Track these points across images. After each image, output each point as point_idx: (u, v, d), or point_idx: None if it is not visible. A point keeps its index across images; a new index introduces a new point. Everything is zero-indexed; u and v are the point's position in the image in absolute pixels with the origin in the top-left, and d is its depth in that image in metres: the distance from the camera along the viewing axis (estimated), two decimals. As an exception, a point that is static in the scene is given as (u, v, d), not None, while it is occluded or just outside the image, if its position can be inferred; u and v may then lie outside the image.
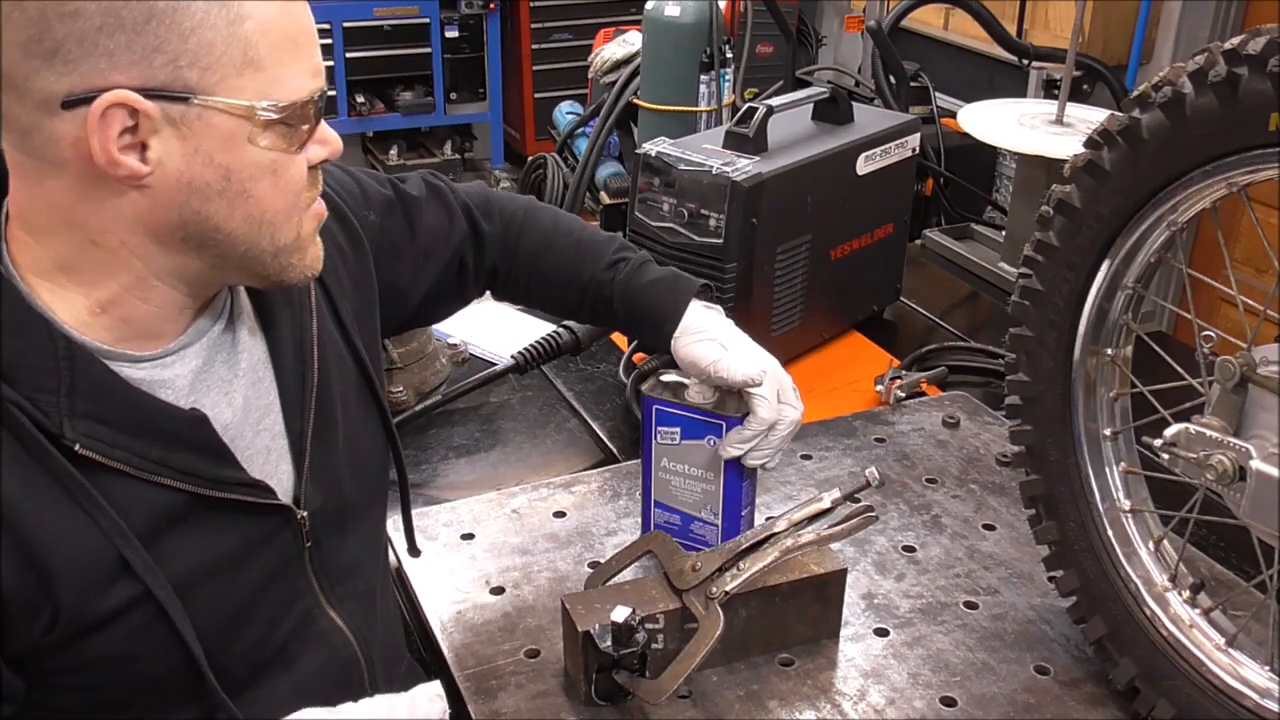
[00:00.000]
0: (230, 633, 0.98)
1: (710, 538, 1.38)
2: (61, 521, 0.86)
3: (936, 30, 4.39)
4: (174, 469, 0.92)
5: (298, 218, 0.94)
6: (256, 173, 0.88)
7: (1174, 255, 1.19)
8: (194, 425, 0.94)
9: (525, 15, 5.89)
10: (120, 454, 0.89)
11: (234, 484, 0.96)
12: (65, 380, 0.86)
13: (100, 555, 0.88)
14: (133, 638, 0.91)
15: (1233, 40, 1.02)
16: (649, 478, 1.41)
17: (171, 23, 0.81)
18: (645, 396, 1.36)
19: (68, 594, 0.87)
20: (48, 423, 0.85)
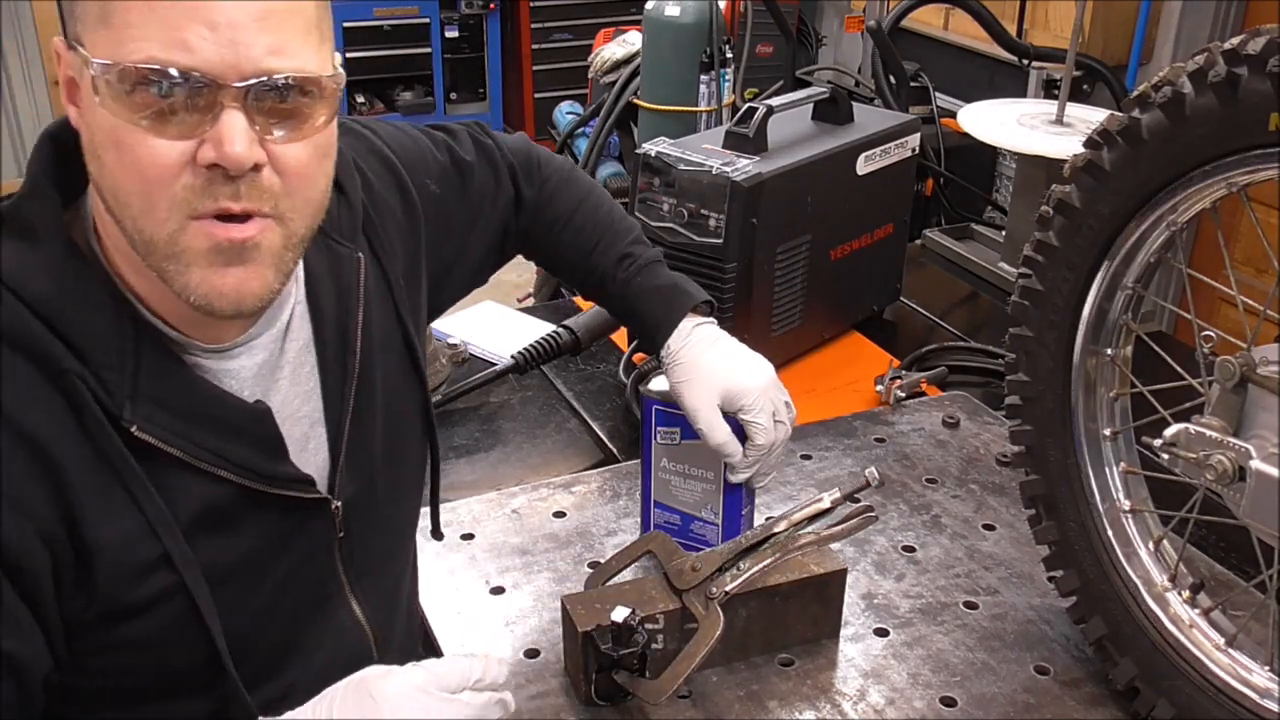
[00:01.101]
0: (257, 623, 0.98)
1: (710, 537, 1.38)
2: (108, 503, 0.86)
3: (936, 30, 4.39)
4: (230, 461, 0.92)
5: (168, 217, 0.84)
6: (102, 137, 0.84)
7: (1174, 255, 1.19)
8: (256, 418, 0.94)
9: (525, 15, 5.89)
10: (177, 441, 0.88)
11: (286, 480, 0.96)
12: (131, 361, 0.87)
13: (141, 543, 0.88)
14: (162, 627, 0.91)
15: (1233, 40, 1.02)
16: (649, 478, 1.41)
17: None
18: (645, 396, 1.36)
19: (105, 575, 0.87)
20: (110, 402, 0.85)
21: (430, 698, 0.90)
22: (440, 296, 1.25)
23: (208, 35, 0.81)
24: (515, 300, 4.48)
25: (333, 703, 0.90)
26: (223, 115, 0.83)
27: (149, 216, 0.84)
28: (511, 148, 1.35)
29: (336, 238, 1.06)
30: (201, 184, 0.84)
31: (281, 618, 1.01)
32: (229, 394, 0.93)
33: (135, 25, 0.81)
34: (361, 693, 0.90)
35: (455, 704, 0.91)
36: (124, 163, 0.83)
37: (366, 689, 0.90)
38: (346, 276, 1.06)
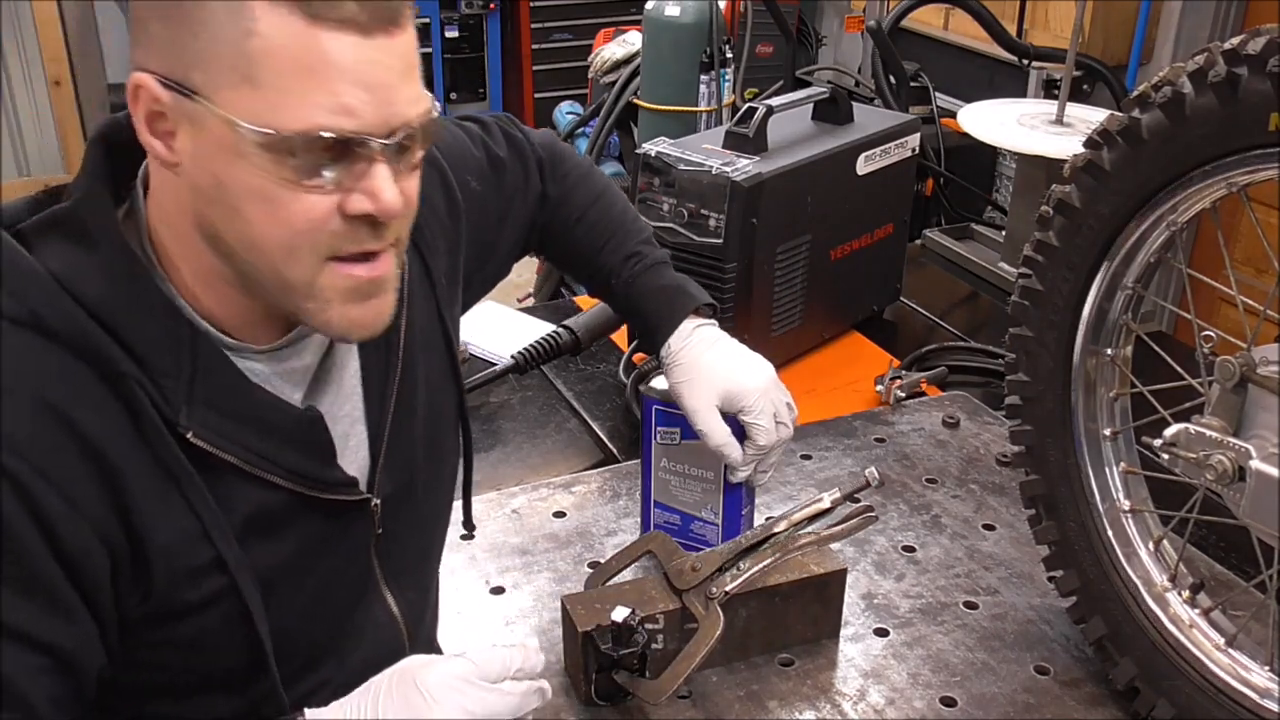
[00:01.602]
0: (299, 623, 0.98)
1: (710, 537, 1.38)
2: (165, 506, 0.86)
3: (936, 30, 4.39)
4: (282, 467, 0.92)
5: (310, 262, 0.86)
6: (246, 194, 0.84)
7: (1174, 255, 1.19)
8: (308, 425, 0.95)
9: (525, 15, 5.89)
10: (231, 447, 0.89)
11: (334, 484, 0.97)
12: (187, 367, 0.87)
13: (196, 546, 0.88)
14: (212, 628, 0.91)
15: (1233, 40, 1.02)
16: (649, 478, 1.41)
17: (188, 20, 0.80)
18: (645, 396, 1.36)
19: (161, 576, 0.87)
20: (165, 407, 0.85)
21: (474, 688, 0.92)
22: (470, 292, 1.25)
23: (366, 98, 0.83)
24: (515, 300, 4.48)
25: (378, 694, 0.91)
26: (373, 169, 0.85)
27: (292, 263, 0.86)
28: (539, 141, 1.35)
29: None
30: (346, 230, 0.86)
31: (322, 616, 1.01)
32: (282, 400, 0.93)
33: (293, 92, 0.81)
34: (406, 684, 0.91)
35: (497, 694, 0.93)
36: (273, 217, 0.84)
37: (410, 680, 0.91)
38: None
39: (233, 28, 0.80)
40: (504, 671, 0.95)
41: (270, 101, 0.81)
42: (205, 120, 0.82)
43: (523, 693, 0.95)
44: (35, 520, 0.80)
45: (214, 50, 0.80)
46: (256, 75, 0.80)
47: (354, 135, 0.82)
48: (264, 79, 0.80)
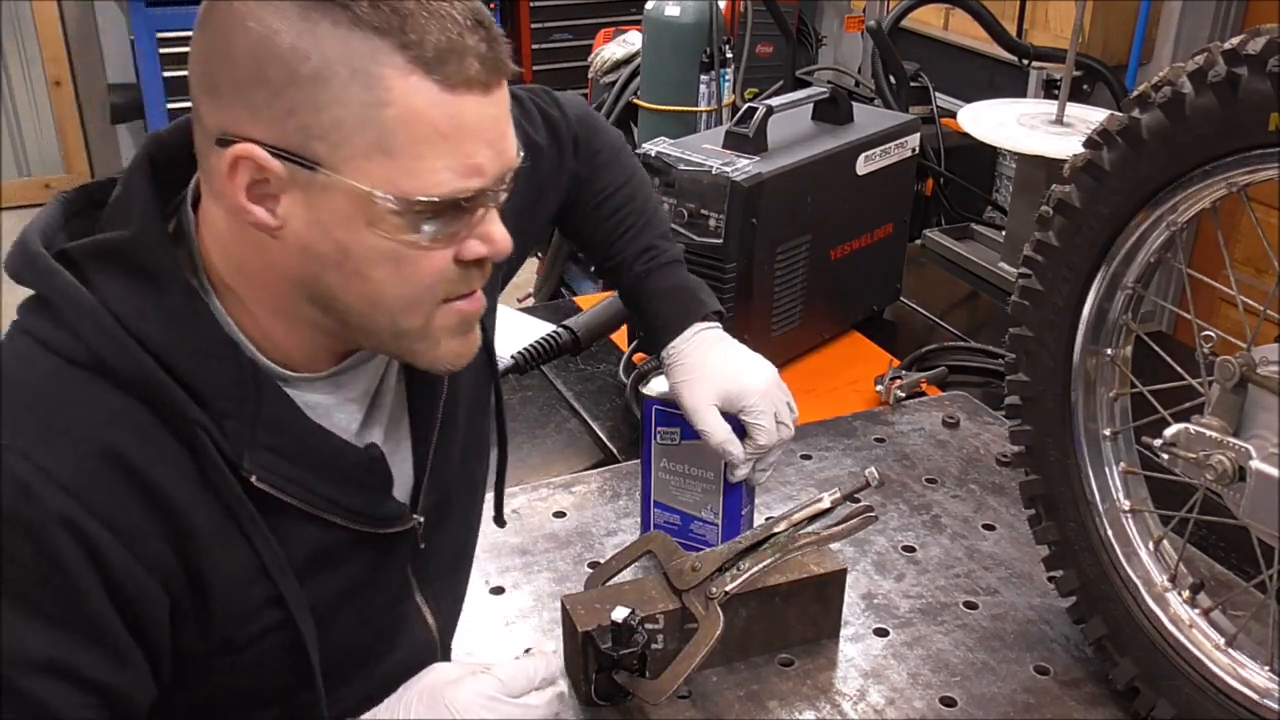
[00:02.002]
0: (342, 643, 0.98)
1: (710, 538, 1.38)
2: (227, 547, 0.86)
3: (936, 30, 4.39)
4: (343, 508, 0.92)
5: (428, 309, 0.88)
6: (374, 257, 0.83)
7: (1174, 255, 1.19)
8: (370, 465, 0.94)
9: (525, 15, 5.89)
10: (293, 489, 0.88)
11: (390, 518, 0.97)
12: (251, 409, 0.86)
13: (255, 584, 0.88)
14: (265, 658, 0.92)
15: (1233, 40, 1.02)
16: (649, 478, 1.41)
17: (310, 92, 0.78)
18: (645, 397, 1.36)
19: (220, 614, 0.87)
20: (229, 450, 0.85)
21: (501, 704, 0.93)
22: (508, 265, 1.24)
23: (490, 154, 0.84)
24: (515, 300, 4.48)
25: (408, 709, 0.92)
26: (488, 215, 0.87)
27: (411, 313, 0.87)
28: (575, 115, 1.32)
29: None
30: (460, 274, 0.88)
31: (364, 633, 1.01)
32: (344, 442, 0.93)
33: (428, 157, 0.81)
34: (435, 700, 0.92)
35: (523, 709, 0.94)
36: (399, 276, 0.85)
37: (440, 697, 0.92)
38: None
39: (365, 100, 0.78)
40: (528, 684, 0.95)
41: (405, 169, 0.81)
42: (327, 189, 0.81)
43: (546, 703, 0.96)
44: (96, 567, 0.79)
45: (342, 122, 0.79)
46: (391, 145, 0.80)
47: (481, 192, 0.84)
48: (398, 147, 0.80)
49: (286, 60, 0.78)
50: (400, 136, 0.80)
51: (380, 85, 0.78)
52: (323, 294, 0.86)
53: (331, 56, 0.78)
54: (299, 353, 0.91)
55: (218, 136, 0.81)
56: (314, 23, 0.78)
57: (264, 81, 0.78)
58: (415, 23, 0.79)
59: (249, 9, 0.78)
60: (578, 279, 4.28)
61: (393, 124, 0.79)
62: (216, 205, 0.86)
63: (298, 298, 0.87)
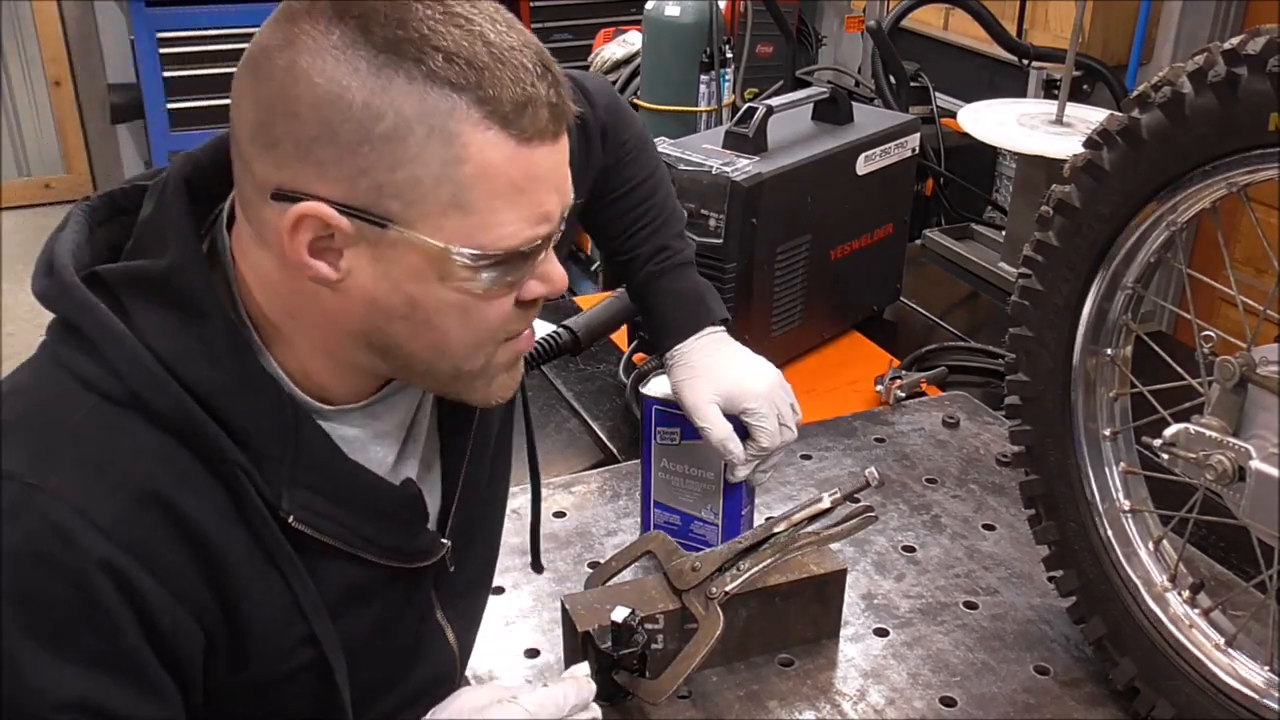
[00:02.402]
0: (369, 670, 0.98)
1: (710, 538, 1.38)
2: (264, 586, 0.85)
3: (936, 30, 4.38)
4: (380, 546, 0.91)
5: (490, 350, 0.89)
6: (444, 309, 0.83)
7: (1174, 255, 1.19)
8: (408, 503, 0.94)
9: (525, 15, 5.88)
10: (329, 527, 0.88)
11: (423, 552, 0.96)
12: (290, 449, 0.85)
13: (292, 624, 0.88)
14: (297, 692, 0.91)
15: (1233, 40, 1.02)
16: (649, 478, 1.40)
17: (384, 151, 0.77)
18: (645, 397, 1.36)
19: (255, 652, 0.87)
20: (268, 490, 0.84)
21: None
22: None
23: (557, 199, 0.84)
24: (515, 300, 4.47)
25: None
26: (547, 255, 0.87)
27: (474, 356, 0.88)
28: (604, 105, 1.30)
29: None
30: (519, 314, 0.88)
31: (388, 659, 1.01)
32: (381, 479, 0.92)
33: (503, 210, 0.81)
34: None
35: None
36: (468, 324, 0.85)
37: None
38: None
39: (443, 158, 0.78)
40: (558, 713, 0.94)
41: (481, 223, 0.80)
42: (397, 245, 0.80)
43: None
44: (134, 609, 0.79)
45: (419, 181, 0.78)
46: (467, 201, 0.79)
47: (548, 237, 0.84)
48: (476, 203, 0.80)
49: (360, 119, 0.76)
50: (477, 192, 0.79)
51: (458, 142, 0.77)
52: (385, 343, 0.86)
53: (408, 114, 0.76)
54: (339, 387, 0.90)
55: (275, 191, 0.79)
56: (388, 79, 0.76)
57: (333, 140, 0.77)
58: (491, 76, 0.77)
59: (316, 65, 0.76)
60: (578, 279, 4.28)
61: (470, 180, 0.79)
62: (266, 253, 0.84)
63: (353, 344, 0.86)
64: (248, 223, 0.84)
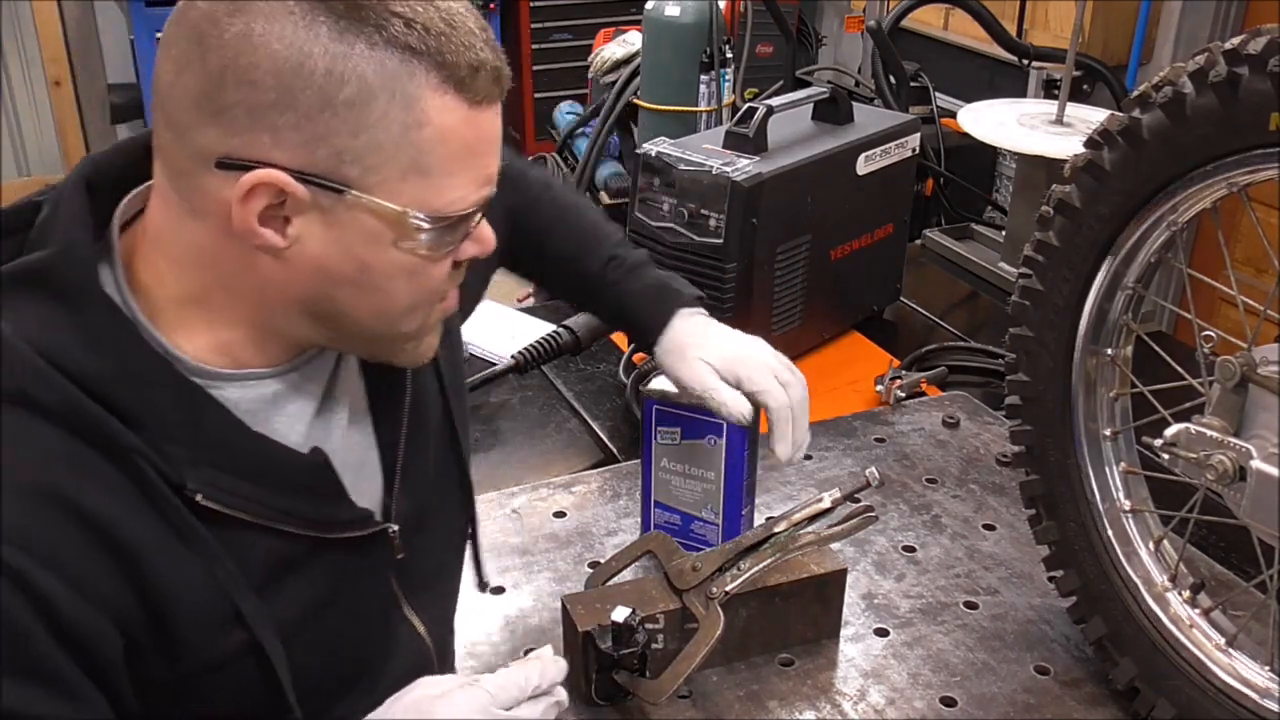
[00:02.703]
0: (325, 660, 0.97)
1: (710, 537, 1.38)
2: (182, 571, 0.84)
3: (936, 30, 4.38)
4: (295, 516, 0.91)
5: (428, 310, 0.91)
6: (394, 272, 0.85)
7: (1174, 255, 1.19)
8: (316, 469, 0.93)
9: (525, 15, 5.88)
10: (240, 502, 0.87)
11: (348, 522, 0.95)
12: (189, 429, 0.84)
13: (216, 605, 0.86)
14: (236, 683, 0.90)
15: (1233, 40, 1.02)
16: (649, 478, 1.40)
17: (347, 117, 0.78)
18: (645, 397, 1.36)
19: (185, 640, 0.86)
20: (171, 472, 0.83)
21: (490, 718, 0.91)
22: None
23: (496, 161, 0.87)
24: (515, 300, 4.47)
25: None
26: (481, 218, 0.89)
27: (413, 318, 0.90)
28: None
29: None
30: (453, 274, 0.91)
31: (348, 647, 1.00)
32: (288, 449, 0.91)
33: (458, 173, 0.84)
34: (421, 714, 0.90)
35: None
36: (414, 285, 0.87)
37: (426, 711, 0.90)
38: None
39: (404, 122, 0.79)
40: (521, 694, 0.93)
41: (437, 186, 0.83)
42: (352, 210, 0.81)
43: (541, 712, 0.94)
44: (43, 615, 0.77)
45: (380, 145, 0.79)
46: (426, 164, 0.81)
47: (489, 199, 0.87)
48: (434, 166, 0.82)
49: (322, 86, 0.76)
50: (435, 155, 0.81)
51: (417, 106, 0.79)
52: (328, 310, 0.86)
53: (370, 80, 0.77)
54: (255, 356, 0.89)
55: (221, 159, 0.79)
56: (350, 45, 0.77)
57: (293, 106, 0.77)
58: (447, 42, 0.79)
59: (274, 31, 0.76)
60: (578, 279, 4.27)
61: (429, 144, 0.81)
62: (199, 224, 0.83)
63: (289, 312, 0.87)
64: (176, 195, 0.83)
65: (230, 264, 0.84)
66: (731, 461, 1.34)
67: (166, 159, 0.83)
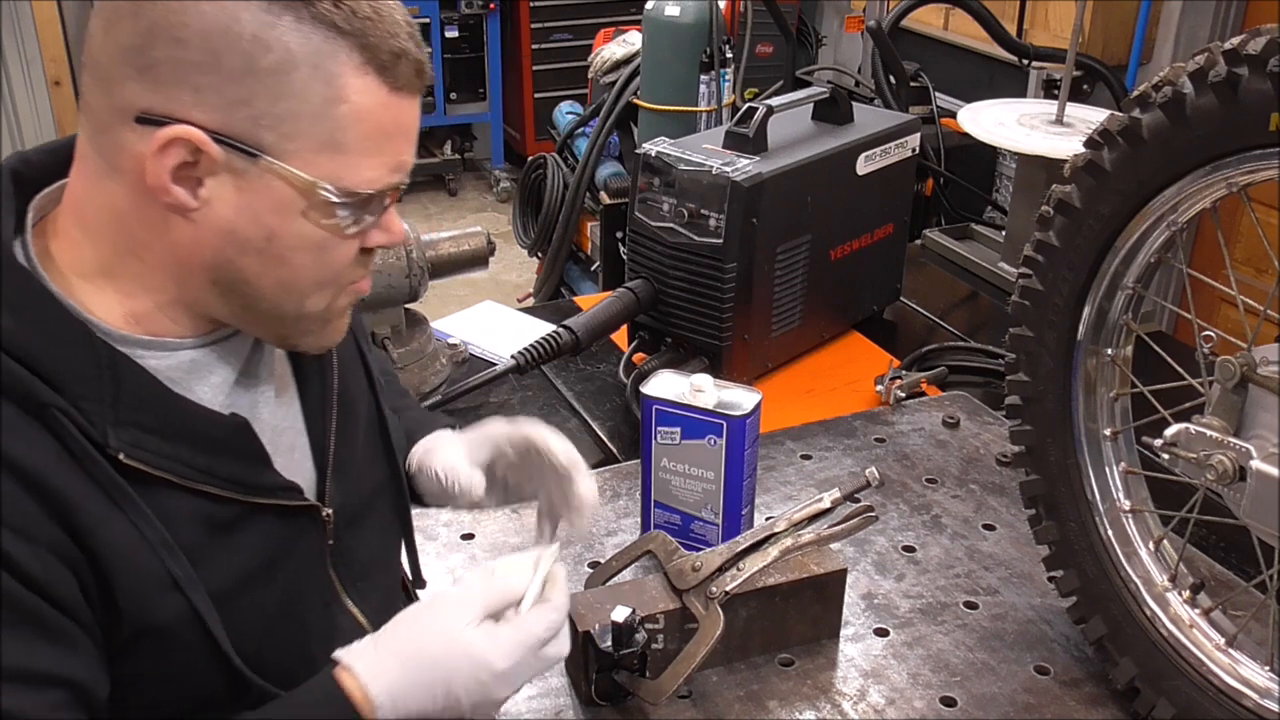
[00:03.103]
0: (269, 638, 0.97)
1: (710, 537, 1.38)
2: (111, 528, 0.85)
3: (936, 30, 4.39)
4: (218, 477, 0.91)
5: (332, 293, 0.93)
6: (300, 244, 0.87)
7: (1174, 255, 1.19)
8: (236, 432, 0.94)
9: (525, 15, 5.89)
10: (165, 463, 0.88)
11: (272, 489, 0.96)
12: (110, 389, 0.85)
13: (149, 566, 0.87)
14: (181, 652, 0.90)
15: (1233, 40, 1.02)
16: (649, 478, 1.41)
17: (268, 84, 0.81)
18: (645, 397, 1.36)
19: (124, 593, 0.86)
20: (93, 431, 0.84)
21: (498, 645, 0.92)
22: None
23: (411, 150, 0.90)
24: (515, 300, 4.48)
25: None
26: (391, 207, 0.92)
27: (317, 298, 0.92)
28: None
29: None
30: (360, 260, 0.93)
31: (290, 629, 1.00)
32: (207, 409, 0.92)
33: (371, 154, 0.86)
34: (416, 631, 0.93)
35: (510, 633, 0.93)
36: (320, 262, 0.89)
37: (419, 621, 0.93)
38: None
39: (323, 96, 0.82)
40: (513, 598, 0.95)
41: (349, 163, 0.85)
42: (264, 176, 0.83)
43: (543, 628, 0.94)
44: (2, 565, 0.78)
45: (298, 116, 0.82)
46: (341, 140, 0.84)
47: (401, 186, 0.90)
48: (348, 143, 0.85)
49: (247, 50, 0.79)
50: (350, 133, 0.84)
51: (338, 83, 0.82)
52: (233, 277, 0.88)
53: (295, 51, 0.80)
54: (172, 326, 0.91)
55: (139, 115, 0.81)
56: (278, 15, 0.80)
57: (217, 68, 0.80)
58: (372, 26, 0.83)
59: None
60: (578, 279, 4.28)
61: (345, 121, 0.84)
62: (115, 184, 0.85)
63: (198, 280, 0.88)
64: (97, 153, 0.85)
65: (142, 227, 0.86)
66: (732, 461, 1.34)
67: (90, 116, 0.86)
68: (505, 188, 6.10)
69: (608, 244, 3.51)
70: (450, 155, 6.22)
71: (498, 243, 2.06)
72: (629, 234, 1.86)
